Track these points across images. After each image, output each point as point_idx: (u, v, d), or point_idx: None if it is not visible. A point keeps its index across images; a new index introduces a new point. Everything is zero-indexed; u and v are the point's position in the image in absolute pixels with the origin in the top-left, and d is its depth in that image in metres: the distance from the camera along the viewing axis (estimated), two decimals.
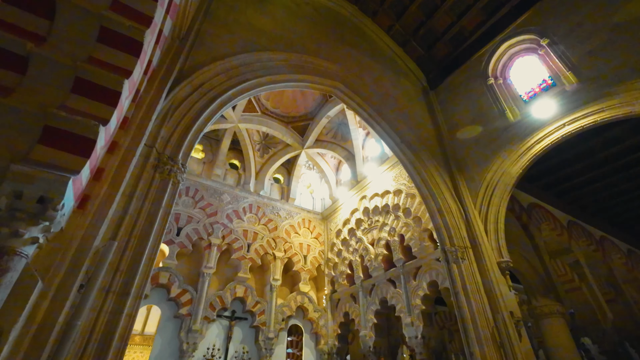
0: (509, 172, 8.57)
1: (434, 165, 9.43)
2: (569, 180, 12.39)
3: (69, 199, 2.95)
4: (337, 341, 12.40)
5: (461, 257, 7.89)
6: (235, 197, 13.57)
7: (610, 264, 13.37)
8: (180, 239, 11.31)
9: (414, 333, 9.29)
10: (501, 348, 6.75)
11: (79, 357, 3.18)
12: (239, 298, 11.80)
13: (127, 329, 3.56)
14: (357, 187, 13.57)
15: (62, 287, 3.07)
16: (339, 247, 13.73)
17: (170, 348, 10.01)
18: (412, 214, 10.44)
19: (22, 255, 2.63)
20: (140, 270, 3.80)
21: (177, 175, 4.78)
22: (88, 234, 3.34)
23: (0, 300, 2.45)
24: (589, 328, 11.64)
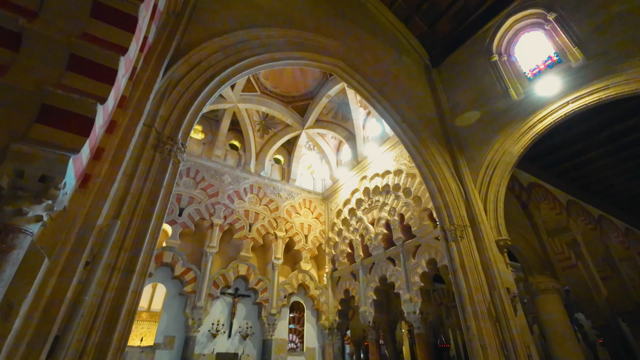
0: (510, 152, 8.54)
1: (435, 145, 9.38)
2: (570, 159, 12.34)
3: (71, 178, 2.97)
4: (338, 317, 12.79)
5: (460, 236, 8.00)
6: (236, 177, 13.61)
7: (608, 242, 13.54)
8: (183, 219, 11.44)
9: (413, 309, 9.55)
10: (497, 322, 6.95)
11: (88, 330, 3.29)
12: (242, 276, 12.08)
13: (134, 305, 3.67)
14: (358, 168, 13.56)
15: (68, 264, 3.13)
16: (339, 227, 13.89)
17: (176, 324, 10.35)
18: (413, 194, 10.49)
19: (27, 233, 2.68)
20: (144, 248, 3.87)
21: (178, 155, 4.78)
22: (91, 213, 3.38)
23: (9, 276, 2.52)
24: (583, 304, 11.95)
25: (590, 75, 7.38)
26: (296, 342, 12.79)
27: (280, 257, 13.01)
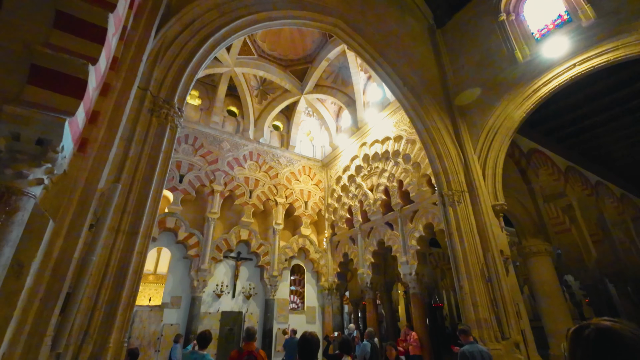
0: (512, 117, 8.42)
1: (436, 110, 9.24)
2: (572, 124, 12.20)
3: (68, 141, 2.96)
4: (337, 279, 13.33)
5: (457, 201, 8.13)
6: (235, 144, 13.53)
7: (602, 207, 13.78)
8: (183, 185, 11.53)
9: (409, 270, 9.93)
10: (488, 282, 7.27)
11: (97, 288, 3.45)
12: (244, 241, 12.41)
13: (139, 265, 3.82)
14: (358, 134, 13.44)
15: (73, 227, 3.22)
16: (338, 193, 14.05)
17: (182, 285, 10.81)
18: (412, 160, 10.50)
19: (30, 196, 2.72)
20: (147, 211, 3.94)
21: (175, 120, 4.72)
22: (91, 177, 3.41)
23: (16, 236, 2.60)
24: (573, 266, 12.41)
25: (600, 34, 7.10)
26: (297, 303, 13.44)
27: (281, 222, 13.29)
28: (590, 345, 0.99)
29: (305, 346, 2.44)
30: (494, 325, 6.92)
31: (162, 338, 9.80)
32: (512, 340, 6.77)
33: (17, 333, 2.69)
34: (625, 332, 0.96)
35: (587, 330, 1.03)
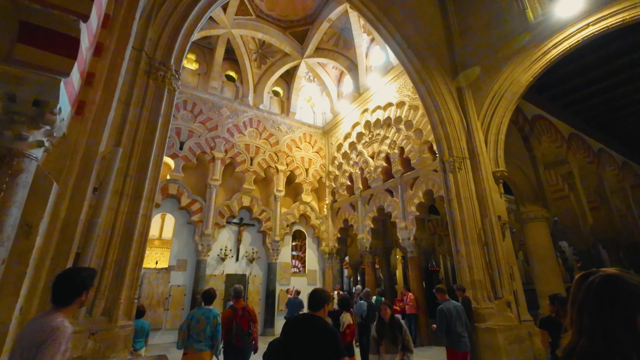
0: (519, 81, 8.19)
1: (441, 74, 8.96)
2: (580, 90, 11.87)
3: (65, 103, 2.92)
4: (337, 243, 13.71)
5: (458, 167, 8.13)
6: (234, 111, 13.31)
7: (602, 175, 13.80)
8: (184, 152, 11.52)
9: (407, 235, 10.18)
10: (485, 246, 7.48)
11: (105, 249, 3.57)
12: (246, 207, 12.62)
13: (145, 227, 3.91)
14: (359, 100, 13.16)
15: (77, 189, 3.26)
16: (339, 161, 14.05)
17: (187, 249, 11.16)
18: (414, 127, 10.37)
19: (32, 158, 2.73)
20: (149, 175, 3.97)
21: (172, 83, 4.60)
22: (91, 140, 3.40)
23: (22, 198, 2.65)
24: (569, 232, 12.66)
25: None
26: (299, 267, 13.92)
27: (282, 189, 13.42)
28: (593, 290, 0.99)
29: (314, 296, 2.62)
30: (488, 286, 7.22)
31: (170, 298, 10.30)
32: (504, 300, 7.09)
33: (32, 288, 2.82)
34: (631, 280, 0.95)
35: (593, 276, 1.02)
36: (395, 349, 3.41)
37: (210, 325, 4.05)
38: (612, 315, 0.94)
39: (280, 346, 2.48)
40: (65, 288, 1.91)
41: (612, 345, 0.91)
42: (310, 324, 2.52)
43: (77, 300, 1.95)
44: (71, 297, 1.91)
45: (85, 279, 1.99)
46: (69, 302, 1.90)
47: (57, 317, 1.79)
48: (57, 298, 1.89)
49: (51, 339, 1.65)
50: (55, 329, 1.70)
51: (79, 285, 1.93)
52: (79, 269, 2.08)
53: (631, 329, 0.91)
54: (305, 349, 2.40)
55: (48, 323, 1.72)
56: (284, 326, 2.65)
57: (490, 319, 6.83)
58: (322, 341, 2.40)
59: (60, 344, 1.67)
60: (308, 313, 2.68)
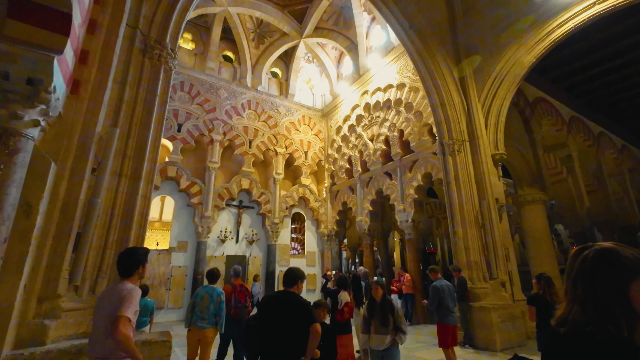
0: (521, 62, 8.05)
1: (442, 55, 8.79)
2: (583, 71, 11.70)
3: (59, 82, 2.88)
4: (336, 226, 13.85)
5: (457, 150, 8.12)
6: (232, 92, 13.12)
7: (601, 158, 13.79)
8: (182, 135, 11.44)
9: (405, 218, 10.27)
10: (482, 228, 7.57)
11: (106, 229, 3.60)
12: (245, 190, 12.65)
13: (145, 208, 3.93)
14: (359, 82, 12.96)
15: (76, 170, 3.26)
16: (338, 144, 13.99)
17: (187, 230, 11.27)
18: (414, 109, 10.27)
19: (29, 137, 2.71)
20: (147, 156, 3.96)
21: (169, 62, 4.51)
22: (88, 120, 3.36)
23: (20, 177, 2.64)
24: (565, 215, 12.78)
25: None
26: (298, 249, 14.11)
27: (281, 172, 13.42)
28: (587, 262, 1.01)
29: (289, 274, 2.78)
30: (483, 267, 7.36)
31: (171, 278, 10.48)
32: (499, 280, 7.24)
33: (35, 267, 2.87)
34: (625, 253, 0.96)
35: (588, 250, 1.03)
36: (385, 329, 3.37)
37: (213, 302, 4.29)
38: (604, 285, 0.96)
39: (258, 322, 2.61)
40: (127, 263, 2.38)
41: (603, 313, 0.93)
42: (286, 299, 2.65)
43: (136, 272, 2.41)
44: (132, 270, 2.38)
45: (140, 256, 2.46)
46: (131, 274, 2.37)
47: (128, 284, 2.30)
48: (122, 271, 2.37)
49: (129, 294, 2.19)
50: (132, 289, 2.24)
51: (136, 261, 2.41)
52: (135, 248, 2.57)
53: (622, 298, 0.93)
54: (282, 322, 2.54)
55: (124, 287, 2.25)
56: (260, 303, 2.76)
57: (484, 298, 7.00)
58: (297, 313, 2.56)
59: (134, 298, 2.20)
60: (283, 290, 2.79)
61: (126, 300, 2.14)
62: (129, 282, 2.32)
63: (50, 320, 2.92)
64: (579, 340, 0.93)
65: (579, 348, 0.92)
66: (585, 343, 0.92)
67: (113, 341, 2.03)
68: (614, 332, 0.90)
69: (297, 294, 2.73)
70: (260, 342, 2.56)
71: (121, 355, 2.07)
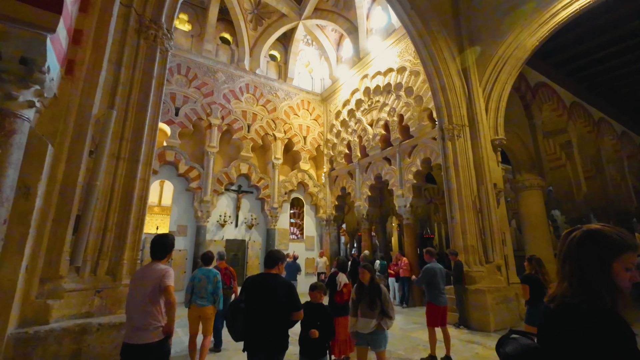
0: (524, 45, 7.92)
1: (444, 38, 8.62)
2: (586, 56, 11.53)
3: (53, 62, 2.82)
4: (334, 211, 13.93)
5: (457, 135, 8.08)
6: (230, 75, 12.92)
7: (600, 144, 13.78)
8: (180, 119, 11.32)
9: (404, 203, 10.33)
10: (479, 213, 7.63)
11: (105, 212, 3.61)
12: (244, 174, 12.64)
13: (144, 191, 3.93)
14: (359, 65, 12.76)
15: (73, 152, 3.24)
16: (337, 129, 13.90)
17: (187, 215, 11.32)
18: (414, 93, 10.16)
19: (24, 119, 2.68)
20: (145, 139, 3.93)
21: (165, 42, 4.41)
22: (84, 102, 3.32)
23: (18, 159, 2.63)
24: (562, 200, 12.86)
25: None
26: (297, 234, 14.24)
27: (280, 157, 13.38)
28: (575, 242, 1.09)
29: (270, 256, 2.91)
30: (480, 250, 7.46)
31: (171, 262, 10.59)
32: (494, 264, 7.36)
33: (36, 248, 2.89)
34: (610, 232, 1.04)
35: (576, 231, 1.11)
36: (371, 313, 3.35)
37: (211, 283, 4.54)
38: (589, 263, 1.04)
39: (242, 304, 2.69)
40: (161, 248, 2.76)
41: (587, 287, 1.02)
42: (269, 282, 2.75)
43: (168, 256, 2.82)
44: (165, 254, 2.78)
45: (172, 241, 2.87)
46: (164, 257, 2.77)
47: (162, 264, 2.72)
48: (156, 254, 2.75)
49: (168, 273, 2.64)
50: (168, 269, 2.67)
51: (169, 246, 2.82)
52: (166, 236, 2.88)
53: (605, 274, 1.01)
54: (266, 304, 2.65)
55: (161, 267, 2.67)
56: (244, 285, 2.83)
57: (480, 281, 7.13)
58: (281, 295, 2.69)
59: (172, 274, 2.66)
60: (265, 272, 2.86)
61: (168, 274, 2.62)
62: (162, 264, 2.72)
63: (53, 300, 2.97)
64: (565, 312, 1.03)
65: (565, 318, 1.02)
66: (570, 313, 1.01)
67: (150, 312, 2.48)
68: (596, 303, 0.98)
69: (280, 276, 2.84)
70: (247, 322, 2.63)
71: (155, 324, 2.49)
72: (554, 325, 1.03)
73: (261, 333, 2.61)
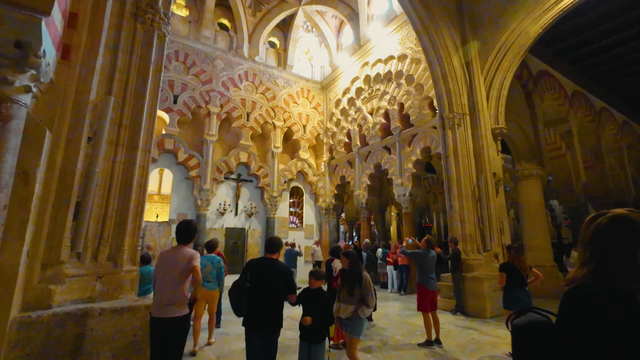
0: (527, 32, 7.80)
1: (446, 25, 8.49)
2: (589, 44, 11.37)
3: (49, 46, 2.78)
4: (334, 199, 13.97)
5: (457, 124, 8.04)
6: (229, 62, 12.75)
7: (601, 134, 13.72)
8: (178, 106, 11.23)
9: (403, 192, 10.35)
10: (478, 202, 7.66)
11: (105, 198, 3.61)
12: (243, 163, 12.63)
13: (143, 178, 3.93)
14: (360, 53, 12.59)
15: (71, 139, 3.21)
16: (337, 117, 13.82)
17: (186, 203, 11.35)
18: (415, 81, 10.06)
19: (21, 104, 2.65)
20: (143, 125, 3.90)
21: (162, 27, 4.33)
22: (81, 87, 3.28)
23: (15, 145, 2.61)
24: (561, 190, 12.88)
25: None
26: (296, 223, 14.31)
27: (279, 146, 13.34)
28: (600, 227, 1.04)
29: (271, 242, 3.22)
30: (478, 239, 7.52)
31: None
32: (492, 252, 7.44)
33: (36, 234, 2.90)
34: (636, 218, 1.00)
35: (601, 217, 1.07)
36: (350, 299, 3.37)
37: (215, 268, 5.10)
38: (614, 247, 1.01)
39: (245, 283, 2.98)
40: (186, 233, 3.07)
41: (610, 273, 0.98)
42: (270, 265, 3.08)
43: (192, 240, 3.15)
44: (190, 238, 3.11)
45: (195, 227, 3.20)
46: (189, 241, 3.10)
47: (186, 248, 3.05)
48: (182, 239, 3.08)
49: (195, 255, 2.99)
50: (195, 252, 3.03)
51: (192, 230, 3.13)
52: (190, 222, 3.15)
53: (631, 260, 0.97)
54: (266, 285, 2.97)
55: (188, 250, 3.02)
56: (246, 267, 3.14)
57: (477, 269, 7.21)
58: (280, 278, 3.01)
59: (198, 258, 3.00)
60: (266, 256, 3.17)
61: (196, 257, 2.97)
62: (187, 247, 3.05)
63: (55, 286, 3.00)
64: (580, 292, 1.00)
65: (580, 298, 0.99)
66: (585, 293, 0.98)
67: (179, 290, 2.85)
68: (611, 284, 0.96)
69: (280, 262, 3.18)
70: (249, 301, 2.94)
71: (183, 301, 2.87)
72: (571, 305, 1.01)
73: (261, 311, 2.91)
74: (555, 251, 11.10)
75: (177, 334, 2.82)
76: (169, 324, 2.77)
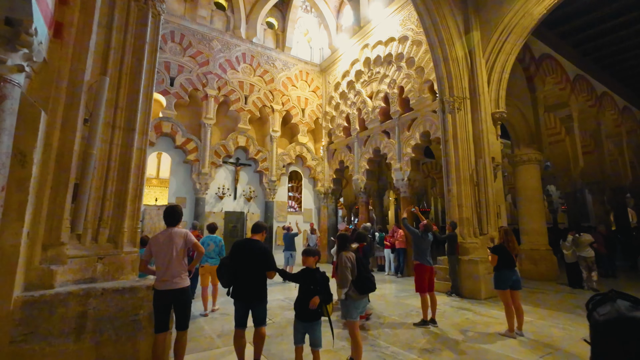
0: (531, 13, 7.63)
1: (449, 5, 8.27)
2: (593, 26, 11.15)
3: (40, 23, 2.71)
4: (333, 184, 14.00)
5: (458, 108, 7.98)
6: (226, 44, 12.48)
7: (601, 119, 13.65)
8: (175, 89, 11.07)
9: (401, 176, 10.37)
10: (476, 186, 7.69)
11: (104, 180, 3.60)
12: (242, 147, 12.57)
13: (141, 160, 3.90)
14: (360, 34, 12.32)
15: (67, 120, 3.18)
16: (336, 101, 13.67)
17: (185, 187, 11.35)
18: (415, 64, 9.90)
19: (14, 84, 2.61)
20: (140, 107, 3.85)
21: (157, 6, 4.20)
22: (75, 67, 3.22)
23: (11, 125, 2.59)
24: (558, 175, 12.93)
25: None
26: (295, 207, 14.38)
27: (278, 130, 13.24)
28: None
29: (257, 224, 3.67)
30: (475, 223, 7.60)
31: None
32: (488, 236, 7.52)
33: (36, 216, 2.91)
34: None
35: None
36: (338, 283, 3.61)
37: (217, 246, 6.01)
38: None
39: (228, 260, 3.40)
40: (174, 216, 3.43)
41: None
42: (249, 245, 3.44)
43: (179, 223, 3.50)
44: (177, 221, 3.45)
45: (180, 210, 3.56)
46: (177, 223, 3.44)
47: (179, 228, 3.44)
48: (170, 222, 3.40)
49: (189, 235, 3.39)
50: (188, 232, 3.42)
51: (178, 214, 3.48)
52: (174, 205, 3.51)
53: None
54: (244, 261, 3.34)
55: (180, 229, 3.41)
56: (232, 248, 3.47)
57: (473, 252, 7.32)
58: (259, 257, 3.36)
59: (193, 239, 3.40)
60: (250, 237, 3.57)
61: (189, 234, 3.41)
62: (177, 228, 3.40)
63: (56, 266, 3.04)
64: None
65: None
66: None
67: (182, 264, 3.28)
68: None
69: (261, 242, 3.53)
70: (231, 275, 3.35)
71: (185, 273, 3.32)
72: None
73: (241, 284, 3.32)
74: (551, 235, 11.25)
75: (185, 299, 3.31)
76: (177, 294, 3.22)
